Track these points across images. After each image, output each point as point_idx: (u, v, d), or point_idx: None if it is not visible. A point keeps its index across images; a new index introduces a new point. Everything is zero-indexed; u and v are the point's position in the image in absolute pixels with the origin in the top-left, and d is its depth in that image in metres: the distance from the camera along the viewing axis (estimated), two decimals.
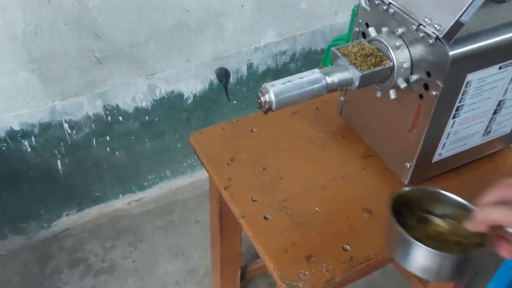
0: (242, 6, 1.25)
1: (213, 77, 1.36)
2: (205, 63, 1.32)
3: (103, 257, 1.33)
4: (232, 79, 1.40)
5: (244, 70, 1.39)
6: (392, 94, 0.69)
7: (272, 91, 0.62)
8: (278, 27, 1.36)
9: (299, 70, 1.48)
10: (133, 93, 1.26)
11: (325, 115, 0.91)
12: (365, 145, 0.84)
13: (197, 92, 1.35)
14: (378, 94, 0.71)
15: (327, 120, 0.90)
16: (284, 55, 1.44)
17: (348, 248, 0.69)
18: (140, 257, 1.34)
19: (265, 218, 0.73)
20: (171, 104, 1.33)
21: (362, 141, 0.84)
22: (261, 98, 0.63)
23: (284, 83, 0.63)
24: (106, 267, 1.31)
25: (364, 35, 0.73)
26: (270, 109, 0.63)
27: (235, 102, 1.45)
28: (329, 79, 0.65)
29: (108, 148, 1.32)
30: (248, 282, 1.28)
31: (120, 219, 1.43)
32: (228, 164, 0.81)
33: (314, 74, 0.65)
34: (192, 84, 1.33)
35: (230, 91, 1.42)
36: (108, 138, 1.30)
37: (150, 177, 1.46)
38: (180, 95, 1.33)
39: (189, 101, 1.36)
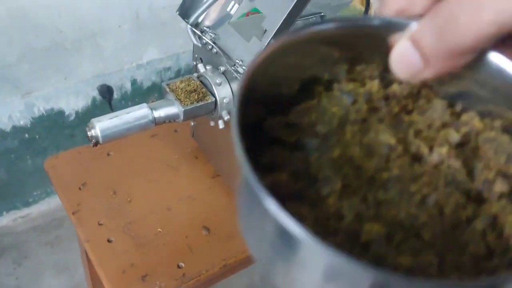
0: (119, 26, 1.29)
1: (95, 93, 1.38)
2: (86, 81, 1.34)
3: None
4: (116, 95, 1.43)
5: (128, 86, 1.43)
6: (221, 124, 0.76)
7: (98, 126, 0.67)
8: (160, 45, 1.40)
9: None
10: (9, 112, 1.25)
11: (183, 137, 0.97)
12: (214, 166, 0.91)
13: (79, 109, 1.37)
14: (212, 124, 0.79)
15: (184, 142, 0.96)
16: (169, 71, 1.49)
17: (183, 265, 0.76)
18: (24, 274, 1.34)
19: (109, 241, 0.78)
20: (51, 122, 1.34)
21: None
22: (88, 133, 0.68)
23: (111, 118, 0.69)
24: None
25: None
26: (97, 142, 0.68)
27: None
28: (156, 114, 0.71)
29: None
30: None
31: (5, 236, 1.42)
32: (80, 188, 0.85)
33: (141, 109, 0.71)
34: (73, 101, 1.35)
35: (115, 106, 1.45)
36: None
37: (35, 193, 1.46)
38: (61, 112, 1.34)
39: (71, 118, 1.37)
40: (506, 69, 0.22)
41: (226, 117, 0.74)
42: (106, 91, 1.39)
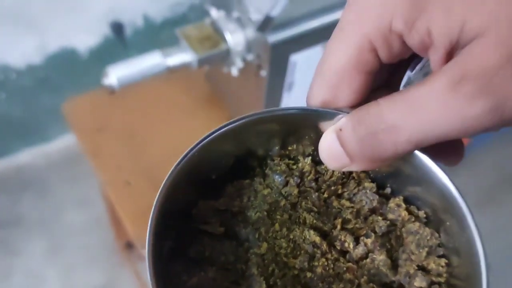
0: None
1: (107, 30, 1.36)
2: (98, 17, 1.31)
3: (9, 209, 1.39)
4: (129, 31, 1.41)
5: (140, 22, 1.40)
6: (234, 71, 0.76)
7: (114, 74, 0.67)
8: None
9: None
10: (22, 51, 1.25)
11: (199, 79, 0.97)
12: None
13: (92, 46, 1.36)
14: (225, 70, 0.78)
15: (199, 85, 0.96)
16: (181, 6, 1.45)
17: None
18: (47, 208, 1.41)
19: (128, 184, 0.81)
20: (65, 60, 1.34)
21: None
22: (104, 80, 0.68)
23: (125, 66, 0.69)
24: (12, 220, 1.37)
25: None
26: (114, 90, 0.69)
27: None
28: (169, 62, 0.70)
29: (5, 105, 1.33)
30: None
31: (25, 172, 1.47)
32: (98, 131, 0.87)
33: (155, 57, 0.70)
34: (86, 39, 1.34)
35: (129, 43, 1.43)
36: (4, 96, 1.31)
37: (54, 130, 1.49)
38: (74, 50, 1.34)
39: (85, 55, 1.37)
40: (427, 163, 0.24)
41: (240, 65, 0.73)
42: (118, 28, 1.37)
